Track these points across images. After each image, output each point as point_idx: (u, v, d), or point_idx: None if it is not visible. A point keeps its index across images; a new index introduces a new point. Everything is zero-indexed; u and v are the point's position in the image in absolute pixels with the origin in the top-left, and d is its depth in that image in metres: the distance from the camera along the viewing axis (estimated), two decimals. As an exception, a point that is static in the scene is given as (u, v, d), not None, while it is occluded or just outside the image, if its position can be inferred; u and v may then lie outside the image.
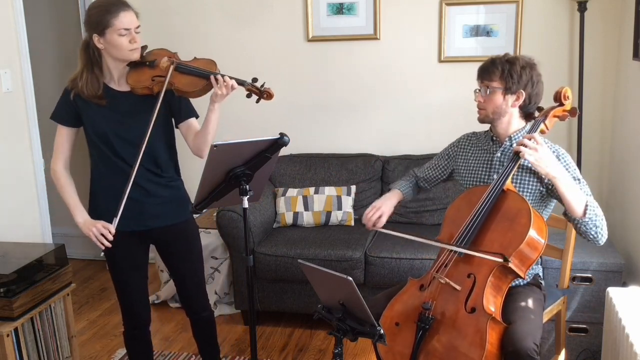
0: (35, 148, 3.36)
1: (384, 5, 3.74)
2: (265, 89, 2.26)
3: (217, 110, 2.26)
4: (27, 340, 2.58)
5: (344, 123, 3.94)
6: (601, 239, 2.08)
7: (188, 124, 2.36)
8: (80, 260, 4.51)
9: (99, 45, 2.20)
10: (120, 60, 2.23)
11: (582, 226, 2.05)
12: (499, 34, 3.62)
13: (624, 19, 3.35)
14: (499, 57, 2.19)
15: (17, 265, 2.60)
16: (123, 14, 2.16)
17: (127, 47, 2.18)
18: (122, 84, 2.28)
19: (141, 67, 2.26)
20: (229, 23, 3.96)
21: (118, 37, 2.16)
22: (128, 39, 2.18)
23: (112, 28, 2.15)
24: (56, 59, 4.32)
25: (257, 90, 2.26)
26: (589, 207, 2.03)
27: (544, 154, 2.02)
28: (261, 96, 2.27)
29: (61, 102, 2.31)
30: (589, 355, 2.98)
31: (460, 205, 2.19)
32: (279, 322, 3.49)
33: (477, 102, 2.22)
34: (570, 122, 3.57)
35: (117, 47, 2.18)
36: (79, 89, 2.25)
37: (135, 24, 2.19)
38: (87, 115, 2.27)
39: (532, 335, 1.94)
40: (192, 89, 2.24)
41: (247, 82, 2.25)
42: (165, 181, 2.36)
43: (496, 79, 2.15)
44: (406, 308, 2.09)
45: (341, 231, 3.51)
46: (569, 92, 2.24)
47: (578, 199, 2.03)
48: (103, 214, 2.28)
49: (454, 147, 2.44)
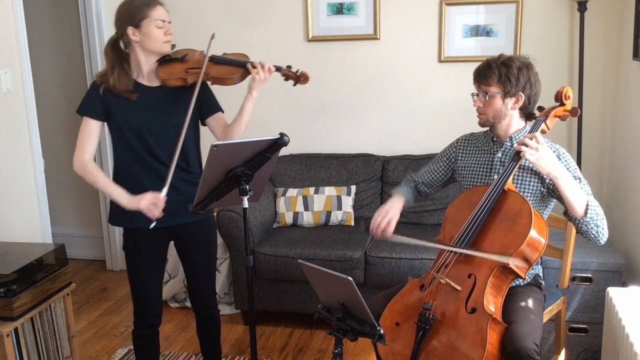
0: (35, 148, 3.36)
1: (384, 5, 3.74)
2: (301, 73, 2.38)
3: (255, 100, 2.34)
4: (27, 340, 2.58)
5: (344, 123, 3.94)
6: (602, 238, 2.08)
7: (217, 117, 2.44)
8: (80, 260, 4.52)
9: (133, 38, 2.25)
10: (153, 52, 2.29)
11: (584, 225, 2.05)
12: (499, 34, 3.62)
13: (624, 19, 3.35)
14: (494, 60, 2.16)
15: (17, 265, 2.60)
16: (159, 6, 2.27)
17: (162, 38, 2.26)
18: (151, 79, 2.33)
19: (171, 62, 2.33)
20: (229, 23, 3.96)
21: (154, 29, 2.24)
22: (163, 31, 2.26)
23: (149, 19, 2.23)
24: (56, 59, 4.32)
25: (293, 75, 2.39)
26: (590, 206, 2.03)
27: (545, 154, 2.02)
28: (298, 80, 2.39)
29: (89, 96, 2.34)
30: (589, 355, 2.98)
31: (460, 205, 2.19)
32: (279, 322, 3.49)
33: (476, 107, 2.21)
34: (571, 122, 3.58)
35: (152, 39, 2.25)
36: (110, 84, 2.29)
37: (168, 18, 2.29)
38: (119, 110, 2.30)
39: (533, 335, 1.94)
40: (229, 76, 2.33)
41: (283, 68, 2.39)
42: (192, 177, 2.39)
43: (494, 84, 2.14)
44: (406, 308, 2.09)
45: (341, 231, 3.51)
46: (570, 92, 2.24)
47: (579, 198, 2.02)
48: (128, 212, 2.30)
49: (452, 149, 2.42)
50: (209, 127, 2.45)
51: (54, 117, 4.27)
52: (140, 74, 2.32)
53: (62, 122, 4.30)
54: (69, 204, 4.52)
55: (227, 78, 2.33)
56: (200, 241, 2.48)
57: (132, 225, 2.36)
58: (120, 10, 2.28)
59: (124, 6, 2.28)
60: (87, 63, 4.06)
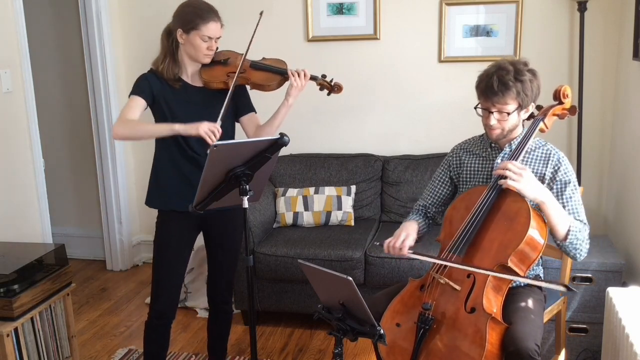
0: (35, 148, 3.37)
1: (384, 5, 3.74)
2: (335, 83, 2.52)
3: (290, 107, 2.46)
4: (27, 340, 2.58)
5: (344, 123, 3.94)
6: (580, 258, 2.16)
7: (250, 117, 2.55)
8: (80, 260, 4.51)
9: (179, 40, 2.37)
10: (192, 59, 2.39)
11: (562, 247, 2.14)
12: (499, 34, 3.62)
13: (624, 19, 3.35)
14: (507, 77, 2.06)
15: (17, 265, 2.60)
16: (212, 23, 2.35)
17: (203, 51, 2.36)
18: (195, 79, 2.43)
19: (214, 65, 2.44)
20: (228, 23, 3.94)
21: (200, 41, 2.34)
22: (207, 45, 2.35)
23: (197, 31, 2.33)
24: (56, 59, 4.32)
25: (328, 85, 2.53)
26: (571, 231, 2.07)
27: (529, 179, 2.01)
28: (332, 90, 2.53)
29: (139, 81, 2.42)
30: (589, 355, 2.98)
31: (460, 206, 2.19)
32: (279, 322, 3.49)
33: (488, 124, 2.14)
34: (570, 122, 3.58)
35: (194, 48, 2.36)
36: (159, 70, 2.39)
37: (218, 34, 2.38)
38: (163, 97, 2.38)
39: (533, 335, 1.94)
40: (268, 82, 2.45)
41: (319, 78, 2.52)
42: None
43: (512, 102, 2.09)
44: (406, 308, 2.09)
45: (341, 231, 3.51)
46: (568, 90, 2.24)
47: (563, 223, 2.07)
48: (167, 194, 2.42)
49: (449, 160, 2.39)
50: (242, 125, 2.55)
51: (54, 117, 4.27)
52: (185, 71, 2.42)
53: (62, 122, 4.30)
54: (69, 204, 4.52)
55: (266, 85, 2.45)
56: (229, 232, 2.55)
57: (167, 207, 2.44)
58: (179, 8, 2.39)
59: (183, 7, 2.38)
60: (87, 63, 4.05)
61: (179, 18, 2.36)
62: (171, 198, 2.41)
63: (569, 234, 2.07)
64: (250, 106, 2.56)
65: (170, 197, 2.41)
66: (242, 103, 2.52)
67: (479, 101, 2.17)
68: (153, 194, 2.48)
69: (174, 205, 2.40)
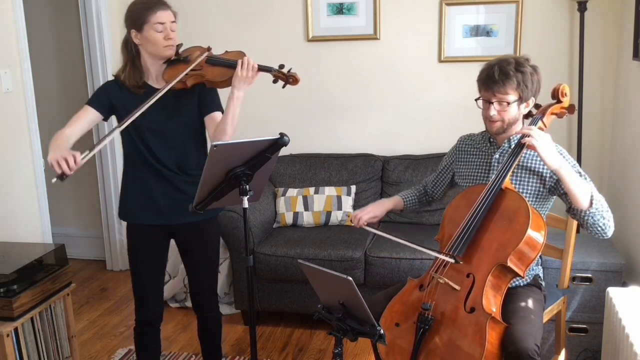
0: (35, 148, 3.36)
1: (384, 5, 3.74)
2: (291, 74, 2.32)
3: (237, 100, 2.25)
4: (27, 340, 2.58)
5: (344, 123, 3.94)
6: (609, 231, 2.05)
7: (212, 117, 2.39)
8: (80, 260, 4.51)
9: (136, 41, 2.29)
10: (155, 56, 2.31)
11: (590, 218, 2.02)
12: (499, 34, 3.62)
13: (624, 19, 3.35)
14: (508, 67, 2.09)
15: (17, 265, 2.60)
16: (160, 11, 2.26)
17: (161, 42, 2.27)
18: (159, 81, 2.36)
19: (177, 64, 2.34)
20: (229, 23, 3.96)
21: (154, 33, 2.25)
22: (163, 35, 2.26)
23: (148, 24, 2.25)
24: (56, 59, 4.32)
25: (283, 76, 2.32)
26: (594, 197, 2.02)
27: (549, 142, 2.02)
28: (287, 81, 2.33)
29: (98, 90, 2.41)
30: (589, 355, 2.98)
31: (458, 205, 2.19)
32: (279, 322, 3.49)
33: (488, 115, 2.15)
34: (570, 122, 3.57)
35: (152, 43, 2.26)
36: (121, 79, 2.34)
37: (170, 19, 2.28)
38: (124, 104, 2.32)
39: (533, 335, 1.94)
40: (221, 78, 2.30)
41: (274, 69, 2.32)
42: (194, 179, 2.36)
43: (512, 92, 2.10)
44: (406, 308, 2.09)
45: (341, 231, 3.51)
46: (566, 89, 2.23)
47: (584, 189, 2.01)
48: (132, 208, 2.39)
49: (454, 150, 2.42)
50: (205, 125, 2.41)
51: (54, 117, 4.25)
52: (150, 75, 2.36)
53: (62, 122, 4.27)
54: (69, 204, 4.52)
55: (220, 81, 2.30)
56: (202, 242, 2.48)
57: (133, 220, 2.42)
58: (126, 13, 2.32)
59: (129, 8, 2.31)
60: (87, 63, 4.06)
61: (128, 20, 2.30)
62: (136, 211, 2.39)
63: (593, 200, 2.00)
64: (213, 105, 2.39)
65: (135, 211, 2.39)
66: (204, 102, 2.38)
67: (480, 94, 2.18)
68: (121, 206, 2.46)
69: (139, 219, 2.39)
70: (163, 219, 2.37)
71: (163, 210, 2.36)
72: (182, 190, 2.36)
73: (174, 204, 2.35)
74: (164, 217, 2.37)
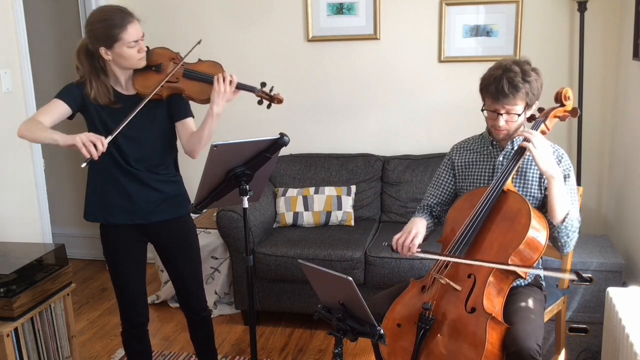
0: (35, 148, 3.37)
1: (384, 5, 3.74)
2: (275, 95, 2.31)
3: (216, 117, 2.21)
4: (27, 340, 2.58)
5: (344, 123, 3.94)
6: (567, 249, 2.14)
7: (184, 123, 2.33)
8: (80, 260, 4.52)
9: (106, 57, 2.21)
10: (127, 68, 2.25)
11: (555, 231, 2.09)
12: (499, 34, 3.62)
13: (624, 19, 3.35)
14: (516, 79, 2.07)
15: (17, 265, 2.60)
16: (130, 26, 2.17)
17: (135, 57, 2.21)
18: (129, 87, 2.29)
19: (147, 71, 2.27)
20: (229, 23, 3.96)
21: (127, 49, 2.18)
22: (136, 50, 2.20)
23: (121, 42, 2.16)
24: (56, 59, 4.32)
25: (267, 96, 2.31)
26: (569, 216, 2.06)
27: (547, 152, 2.04)
28: (272, 101, 2.32)
29: (70, 87, 2.31)
30: (589, 355, 2.98)
31: (461, 207, 2.19)
32: (279, 322, 3.49)
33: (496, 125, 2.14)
34: (571, 123, 3.58)
35: (126, 58, 2.20)
36: (91, 97, 2.26)
37: (141, 34, 2.21)
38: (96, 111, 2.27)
39: (534, 335, 1.94)
40: (203, 96, 2.26)
41: (257, 89, 2.30)
42: (165, 177, 2.38)
43: (521, 102, 2.11)
44: (407, 309, 2.10)
45: (341, 231, 3.51)
46: (569, 93, 2.24)
47: (564, 204, 2.06)
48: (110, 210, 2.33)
49: (450, 158, 2.39)
50: (177, 130, 2.35)
51: (54, 117, 4.27)
52: (118, 83, 2.29)
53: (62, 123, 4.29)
54: (69, 204, 4.52)
55: (203, 99, 2.25)
56: (179, 240, 2.44)
57: (109, 220, 2.35)
58: (91, 27, 2.20)
59: (93, 25, 2.19)
60: (87, 63, 4.05)
61: (95, 37, 2.18)
62: (113, 212, 2.32)
63: (566, 218, 2.06)
64: (184, 112, 2.33)
65: (112, 211, 2.32)
66: (176, 108, 2.32)
67: (486, 104, 2.17)
68: (91, 207, 2.36)
69: (117, 219, 2.32)
70: (137, 217, 2.33)
71: (136, 209, 2.32)
72: (154, 187, 2.33)
73: (145, 203, 2.32)
74: (137, 216, 2.33)
